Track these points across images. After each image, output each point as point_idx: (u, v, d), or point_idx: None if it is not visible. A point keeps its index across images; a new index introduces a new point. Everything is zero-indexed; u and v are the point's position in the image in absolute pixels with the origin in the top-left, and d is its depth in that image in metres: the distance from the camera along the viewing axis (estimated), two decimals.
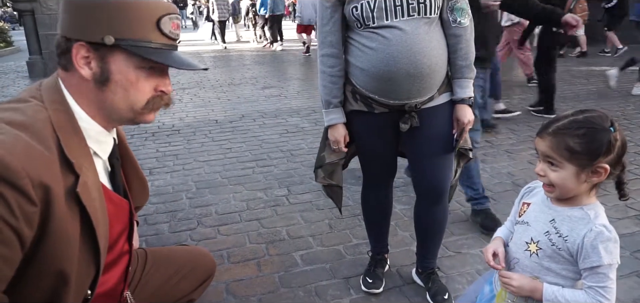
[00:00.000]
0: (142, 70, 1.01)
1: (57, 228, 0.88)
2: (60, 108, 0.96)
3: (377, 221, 2.10)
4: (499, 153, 3.89)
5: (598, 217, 1.09)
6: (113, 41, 0.95)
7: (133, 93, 1.01)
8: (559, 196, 1.13)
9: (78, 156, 0.94)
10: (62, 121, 0.94)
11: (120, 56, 0.98)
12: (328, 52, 1.73)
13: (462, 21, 1.66)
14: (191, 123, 5.00)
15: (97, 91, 0.99)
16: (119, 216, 1.12)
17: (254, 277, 2.21)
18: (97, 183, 0.99)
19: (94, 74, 0.98)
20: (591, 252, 1.05)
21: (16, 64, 10.22)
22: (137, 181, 1.26)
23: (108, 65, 0.98)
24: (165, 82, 1.06)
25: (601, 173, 1.05)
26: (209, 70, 8.92)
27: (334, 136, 1.80)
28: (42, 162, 0.86)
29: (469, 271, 2.21)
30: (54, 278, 0.92)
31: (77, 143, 0.96)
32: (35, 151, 0.86)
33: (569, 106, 5.52)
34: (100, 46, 0.96)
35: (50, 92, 0.98)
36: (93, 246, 0.97)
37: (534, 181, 1.27)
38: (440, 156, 1.78)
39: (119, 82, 0.99)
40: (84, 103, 1.00)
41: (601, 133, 1.03)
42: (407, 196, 2.99)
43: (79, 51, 0.96)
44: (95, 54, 0.96)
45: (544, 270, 1.15)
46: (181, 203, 3.03)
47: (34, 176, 0.83)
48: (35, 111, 0.93)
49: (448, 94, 1.74)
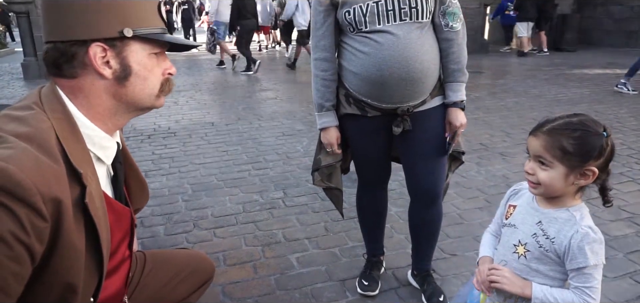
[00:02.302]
0: (153, 56, 1.03)
1: (66, 241, 0.87)
2: (62, 117, 0.94)
3: (372, 223, 2.11)
4: (494, 155, 3.91)
5: (584, 218, 1.11)
6: (132, 33, 0.95)
7: (151, 80, 1.03)
8: (543, 195, 1.15)
9: (83, 164, 0.93)
10: (65, 130, 0.93)
11: (136, 47, 0.99)
12: (321, 56, 1.74)
13: (454, 25, 1.67)
14: (187, 126, 5.00)
15: (117, 87, 0.99)
16: (121, 224, 1.11)
17: (250, 280, 2.21)
18: (99, 192, 0.98)
19: (114, 71, 0.97)
20: (578, 253, 1.07)
21: (11, 66, 10.17)
22: (136, 184, 1.26)
23: (126, 59, 0.98)
24: (169, 64, 1.08)
25: (589, 176, 1.07)
26: (205, 73, 8.92)
27: (327, 139, 1.82)
28: (51, 176, 0.84)
29: (464, 273, 2.23)
30: (62, 290, 0.91)
31: (80, 152, 0.94)
32: (44, 165, 0.84)
33: (563, 109, 5.57)
34: (114, 41, 0.95)
35: (51, 100, 0.96)
36: (96, 255, 0.96)
37: (520, 183, 1.29)
38: (433, 159, 1.79)
39: (138, 73, 1.00)
40: (92, 109, 0.98)
41: (594, 137, 1.05)
42: (402, 199, 3.01)
43: (96, 51, 0.94)
44: (112, 52, 0.96)
45: (532, 272, 1.17)
46: (177, 205, 3.03)
47: (45, 191, 0.82)
48: (38, 121, 0.91)
49: (440, 97, 1.76)
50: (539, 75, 7.97)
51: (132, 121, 5.67)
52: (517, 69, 8.96)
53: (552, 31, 11.36)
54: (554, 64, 9.19)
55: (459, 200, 3.03)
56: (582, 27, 11.92)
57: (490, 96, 6.33)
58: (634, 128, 4.64)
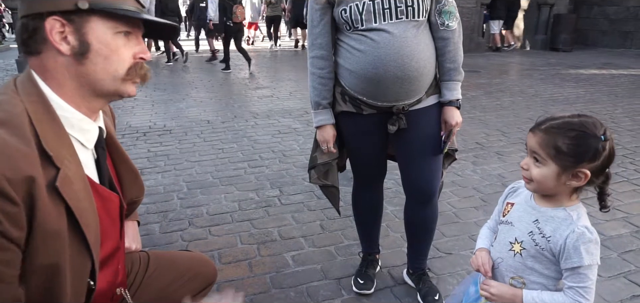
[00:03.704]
0: (120, 36, 0.98)
1: (41, 222, 0.85)
2: (36, 99, 0.92)
3: (368, 221, 2.11)
4: (490, 154, 3.92)
5: (580, 218, 1.11)
6: (87, 5, 0.90)
7: (115, 60, 0.98)
8: (536, 191, 1.15)
9: (58, 147, 0.91)
10: (39, 112, 0.91)
11: (97, 22, 0.94)
12: (317, 54, 1.73)
13: (450, 24, 1.67)
14: (183, 123, 4.98)
15: (77, 65, 0.95)
16: (108, 210, 1.09)
17: (246, 278, 2.20)
18: (81, 174, 0.95)
19: (72, 47, 0.93)
20: (573, 253, 1.07)
21: (5, 63, 10.11)
22: (128, 174, 1.23)
23: (86, 35, 0.94)
24: (143, 48, 1.03)
25: (581, 178, 1.07)
26: (201, 70, 8.89)
27: (323, 137, 1.81)
28: (20, 158, 0.83)
29: (459, 272, 2.23)
30: (47, 272, 0.90)
31: (55, 134, 0.92)
32: (11, 149, 0.82)
33: (558, 109, 5.59)
34: (74, 16, 0.92)
35: (25, 84, 0.94)
36: (82, 239, 0.94)
37: (518, 181, 1.29)
38: (429, 158, 1.79)
39: (98, 51, 0.95)
40: (62, 89, 0.96)
41: (591, 139, 1.05)
42: (398, 197, 3.01)
43: (54, 26, 0.90)
44: (70, 27, 0.92)
45: (527, 270, 1.17)
46: (172, 203, 3.02)
47: (12, 175, 0.80)
48: (11, 105, 0.89)
49: (436, 96, 1.76)
50: (535, 75, 8.00)
51: (127, 118, 5.63)
52: (513, 68, 9.00)
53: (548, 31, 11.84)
54: (549, 64, 9.23)
55: (455, 199, 3.03)
56: (578, 27, 11.98)
57: (486, 95, 6.35)
58: (629, 128, 4.67)
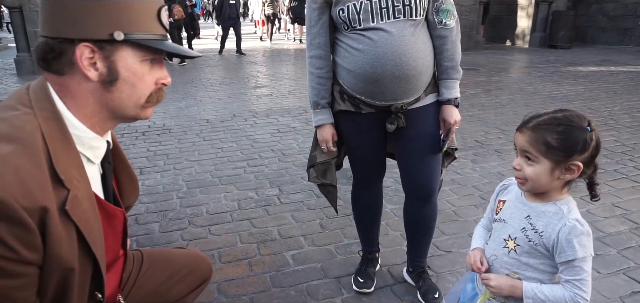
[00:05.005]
0: (146, 63, 0.99)
1: (53, 247, 0.86)
2: (50, 116, 0.91)
3: (367, 220, 2.11)
4: (489, 152, 3.92)
5: (571, 212, 1.12)
6: (123, 36, 0.92)
7: (139, 88, 0.99)
8: (531, 190, 1.16)
9: (68, 167, 0.90)
10: (52, 130, 0.90)
11: (126, 51, 0.95)
12: (316, 53, 1.73)
13: (448, 23, 1.68)
14: (182, 122, 4.98)
15: (103, 91, 0.95)
16: (113, 225, 1.10)
17: (245, 277, 2.21)
18: (89, 193, 0.95)
19: (100, 75, 0.93)
20: (566, 247, 1.08)
21: (4, 62, 10.08)
22: (128, 181, 1.24)
23: (115, 64, 0.94)
24: (165, 74, 1.04)
25: (574, 170, 1.08)
26: (200, 69, 8.88)
27: (322, 136, 1.82)
28: (34, 184, 0.82)
29: (459, 270, 2.23)
30: (58, 289, 0.91)
31: (67, 154, 0.92)
32: (26, 174, 0.82)
33: (557, 106, 5.59)
34: (104, 44, 0.92)
35: (40, 98, 0.93)
36: (90, 255, 0.95)
37: (509, 179, 1.30)
38: (428, 156, 1.80)
39: (127, 79, 0.96)
40: (80, 109, 0.95)
41: (578, 131, 1.06)
42: (397, 196, 3.01)
43: (83, 52, 0.90)
44: (100, 54, 0.92)
45: (522, 266, 1.18)
46: (172, 202, 3.02)
47: (27, 204, 0.80)
48: (24, 121, 0.88)
49: (435, 95, 1.76)
50: (534, 72, 8.00)
51: None
52: (512, 66, 9.00)
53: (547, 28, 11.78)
54: (548, 61, 9.24)
55: (454, 197, 3.04)
56: (577, 24, 11.99)
57: (485, 93, 6.35)
58: (627, 125, 4.67)
